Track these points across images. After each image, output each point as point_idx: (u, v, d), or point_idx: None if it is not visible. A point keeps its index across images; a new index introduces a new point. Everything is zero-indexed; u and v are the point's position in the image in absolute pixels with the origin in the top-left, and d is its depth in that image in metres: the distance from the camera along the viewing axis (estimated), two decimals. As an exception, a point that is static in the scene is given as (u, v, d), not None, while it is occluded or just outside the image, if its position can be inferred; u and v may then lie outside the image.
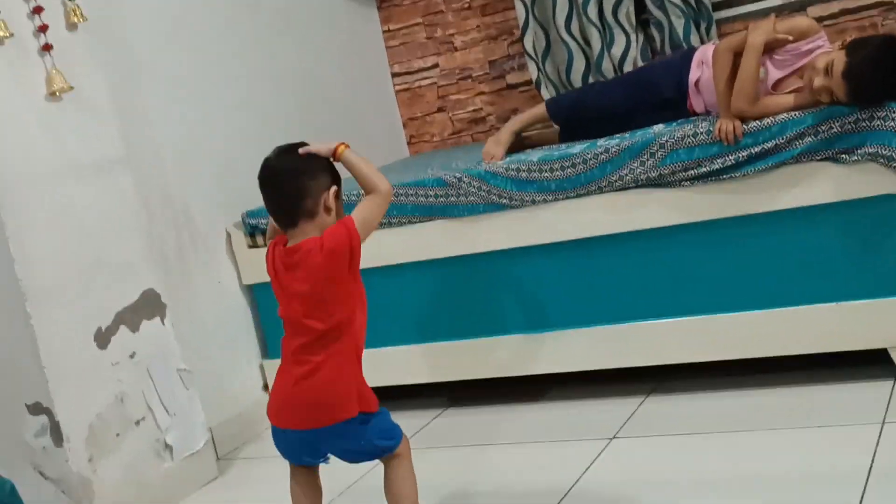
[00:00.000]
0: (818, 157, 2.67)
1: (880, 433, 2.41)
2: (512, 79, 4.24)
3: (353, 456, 2.23)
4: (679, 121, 2.95)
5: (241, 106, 3.66)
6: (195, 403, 3.11)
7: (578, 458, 2.65)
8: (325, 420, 2.13)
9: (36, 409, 2.73)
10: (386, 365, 3.31)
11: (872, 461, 2.28)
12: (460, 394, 3.35)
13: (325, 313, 2.14)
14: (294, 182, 2.17)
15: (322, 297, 2.14)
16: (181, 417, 3.04)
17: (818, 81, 2.62)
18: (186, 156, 3.41)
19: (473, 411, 3.24)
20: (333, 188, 2.19)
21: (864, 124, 2.59)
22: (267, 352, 3.57)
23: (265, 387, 3.56)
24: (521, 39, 4.05)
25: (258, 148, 3.65)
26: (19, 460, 2.76)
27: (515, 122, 3.30)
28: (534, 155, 3.06)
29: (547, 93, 3.97)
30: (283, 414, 2.20)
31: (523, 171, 3.01)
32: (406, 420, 3.19)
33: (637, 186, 2.88)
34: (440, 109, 4.42)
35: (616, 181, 2.89)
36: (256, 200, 3.52)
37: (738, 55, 2.79)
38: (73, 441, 2.73)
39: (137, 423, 2.92)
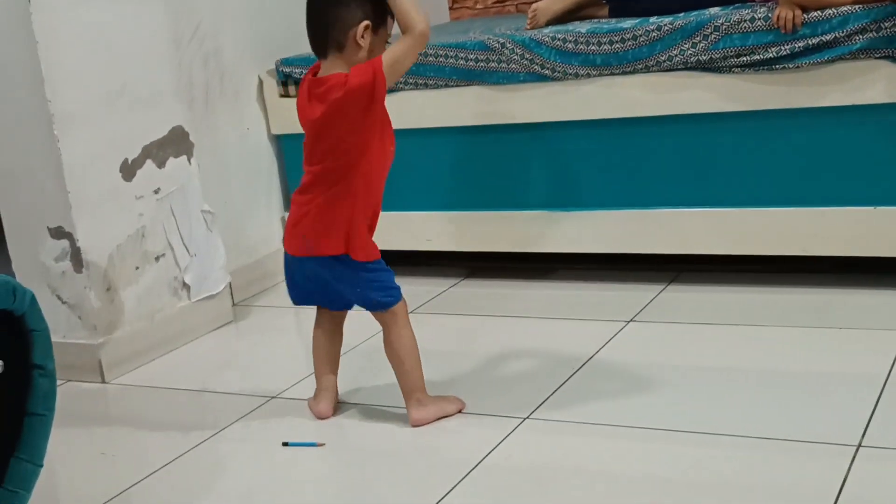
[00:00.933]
0: (877, 55, 2.57)
1: (903, 340, 2.39)
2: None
3: (353, 301, 2.30)
4: (737, 4, 2.84)
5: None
6: (218, 246, 3.10)
7: (594, 336, 2.64)
8: (312, 249, 2.21)
9: (58, 233, 2.72)
10: (407, 229, 3.29)
11: (893, 365, 2.26)
12: (480, 265, 3.34)
13: (335, 152, 2.15)
14: (327, 10, 2.14)
15: (333, 136, 2.14)
16: (201, 258, 3.04)
17: None
18: (224, -5, 3.32)
19: (492, 283, 3.23)
20: (365, 23, 2.13)
21: (930, 22, 2.49)
22: (289, 205, 3.54)
23: (285, 239, 3.54)
24: None
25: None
26: (37, 281, 2.77)
27: None
28: (582, 26, 2.96)
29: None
30: (287, 238, 2.29)
31: (570, 41, 2.91)
32: (423, 287, 3.22)
33: (685, 69, 2.79)
34: (486, -23, 4.28)
35: (664, 61, 2.80)
36: (292, 48, 3.50)
37: None
38: (93, 269, 2.74)
39: (157, 258, 2.92)
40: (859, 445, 1.94)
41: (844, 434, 1.99)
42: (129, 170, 2.83)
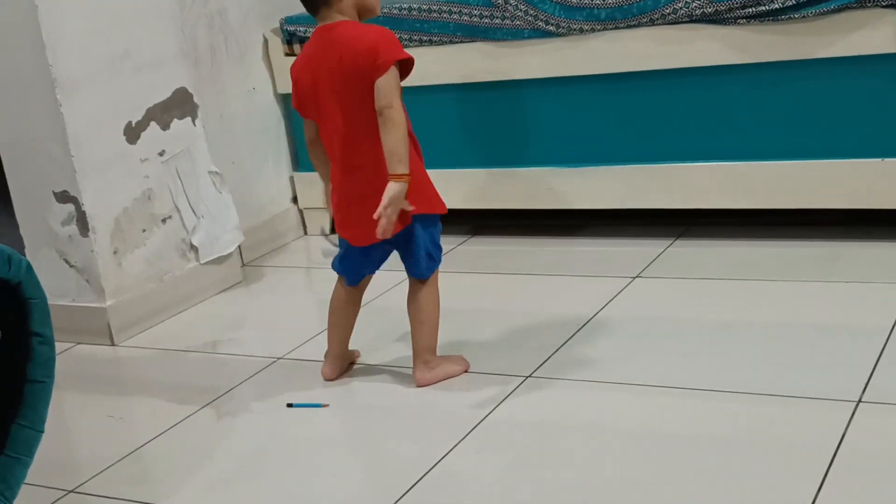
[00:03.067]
0: (883, 3, 2.53)
1: (909, 293, 2.37)
2: None
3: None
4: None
5: None
6: (229, 206, 3.11)
7: (600, 293, 2.64)
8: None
9: (63, 197, 2.74)
10: (415, 186, 3.28)
11: (897, 320, 2.25)
12: (486, 223, 3.33)
13: None
14: None
15: None
16: (210, 220, 3.05)
17: None
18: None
19: (499, 241, 3.23)
20: None
21: (940, -31, 2.44)
22: (298, 164, 3.54)
23: (294, 199, 3.55)
24: None
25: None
26: (44, 246, 2.80)
27: None
28: (586, -20, 2.92)
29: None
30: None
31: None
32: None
33: (691, 21, 2.75)
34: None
35: (669, 14, 2.76)
36: (296, 6, 3.46)
37: None
38: (99, 232, 2.75)
39: (164, 220, 2.93)
40: (859, 401, 1.94)
41: (845, 389, 1.98)
42: (133, 133, 2.84)
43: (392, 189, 2.04)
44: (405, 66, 2.15)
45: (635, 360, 2.26)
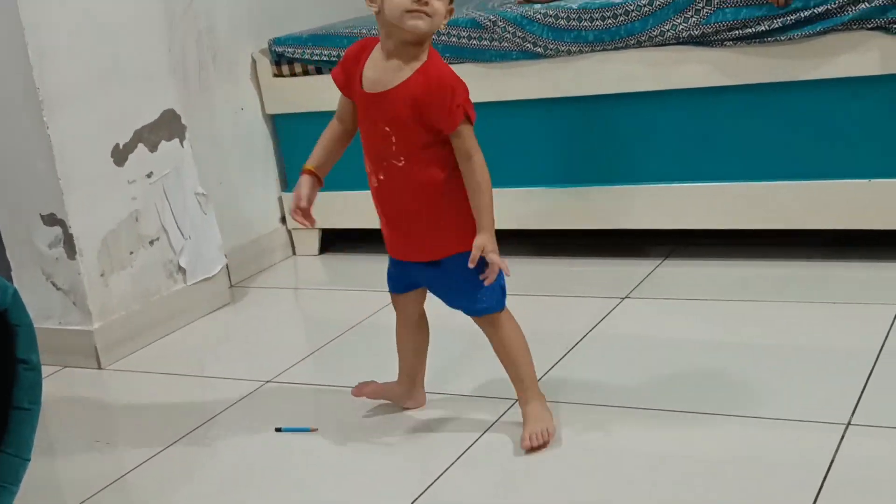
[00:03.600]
0: (869, 26, 2.54)
1: (896, 315, 2.38)
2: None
3: None
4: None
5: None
6: (213, 228, 3.10)
7: (589, 314, 2.64)
8: None
9: (50, 219, 2.72)
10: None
11: (885, 341, 2.25)
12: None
13: None
14: None
15: None
16: (196, 241, 3.04)
17: None
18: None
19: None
20: None
21: (924, -8, 2.46)
22: (287, 184, 3.54)
23: (283, 219, 3.55)
24: None
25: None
26: (31, 268, 2.78)
27: None
28: (574, 2, 2.93)
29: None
30: None
31: (562, 18, 2.89)
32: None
33: (678, 43, 2.77)
34: (482, -50, 4.23)
35: (657, 36, 2.77)
36: (285, 27, 3.48)
37: None
38: (86, 254, 2.74)
39: (151, 242, 2.92)
40: (849, 423, 1.94)
41: (834, 412, 1.98)
42: (120, 154, 2.83)
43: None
44: None
45: (624, 382, 2.26)
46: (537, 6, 2.98)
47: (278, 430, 2.24)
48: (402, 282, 2.12)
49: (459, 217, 1.96)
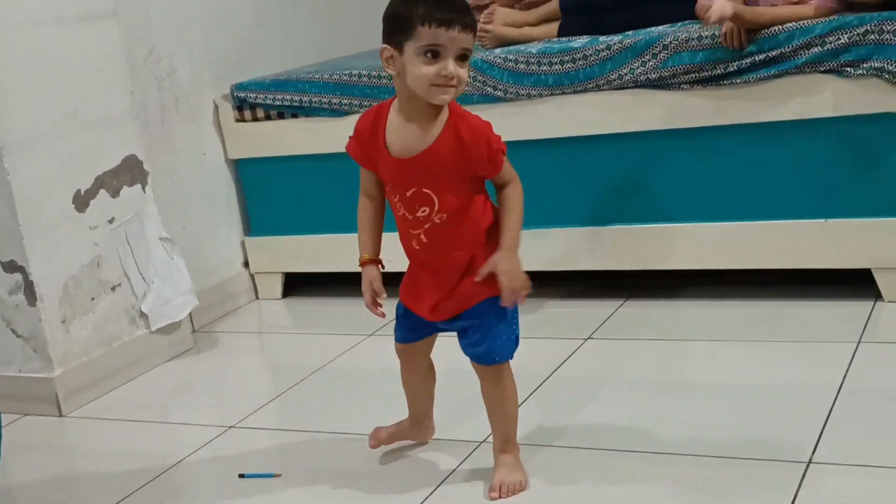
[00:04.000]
0: (822, 69, 2.61)
1: (854, 352, 2.41)
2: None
3: None
4: (686, 22, 2.87)
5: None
6: (182, 271, 3.08)
7: (552, 355, 2.65)
8: None
9: (10, 266, 2.70)
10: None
11: (843, 379, 2.29)
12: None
13: None
14: None
15: None
16: (161, 286, 3.02)
17: None
18: (177, 17, 3.31)
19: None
20: (385, 47, 1.86)
21: (872, 37, 2.52)
22: (250, 229, 3.54)
23: (245, 263, 3.54)
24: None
25: (252, 17, 3.59)
26: (-9, 316, 2.75)
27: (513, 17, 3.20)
28: (533, 47, 2.98)
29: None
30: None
31: (521, 62, 2.93)
32: (387, 308, 3.21)
33: (636, 86, 2.81)
34: (442, -5, 4.29)
35: (615, 80, 2.82)
36: (247, 72, 3.50)
37: None
38: (47, 301, 2.72)
39: (113, 288, 2.90)
40: (810, 461, 1.96)
41: (795, 450, 2.00)
42: (82, 200, 2.81)
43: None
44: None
45: (588, 423, 2.26)
46: (497, 51, 3.03)
47: (241, 476, 2.22)
48: (420, 331, 2.07)
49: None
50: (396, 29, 1.83)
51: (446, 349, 2.18)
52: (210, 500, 2.18)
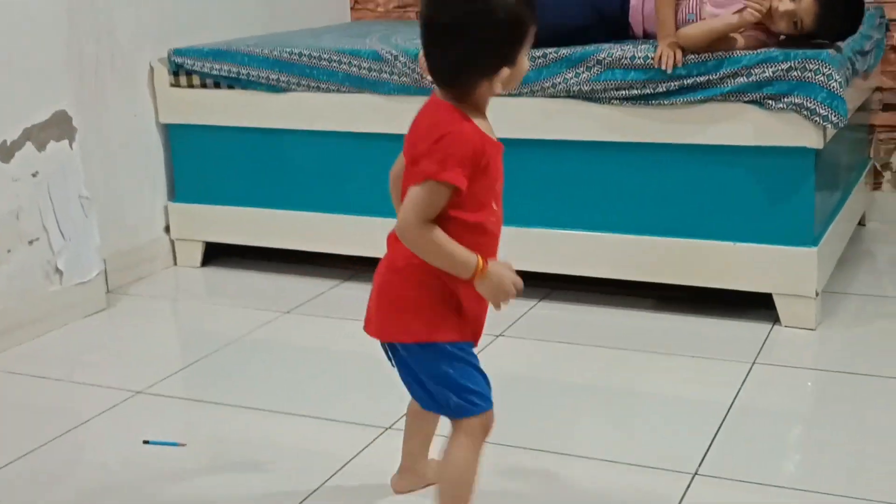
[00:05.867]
0: (745, 99, 2.71)
1: (748, 372, 2.52)
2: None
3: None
4: (625, 41, 2.95)
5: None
6: (92, 232, 3.07)
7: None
8: None
9: (-73, 210, 2.66)
10: (293, 228, 3.32)
11: (736, 397, 2.40)
12: (359, 273, 3.38)
13: None
14: None
15: None
16: (76, 244, 3.00)
17: (784, 5, 2.65)
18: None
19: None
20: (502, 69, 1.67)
21: (795, 73, 2.63)
22: (174, 194, 3.53)
23: (167, 228, 3.53)
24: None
25: (196, -15, 3.57)
26: None
27: None
28: (474, 45, 3.02)
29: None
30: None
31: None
32: (306, 286, 3.25)
33: (569, 97, 2.89)
34: (390, -20, 4.32)
35: (549, 87, 2.89)
36: (187, 38, 3.48)
37: None
38: (-38, 249, 2.69)
39: (31, 242, 2.88)
40: (696, 473, 2.06)
41: (683, 461, 2.10)
42: (7, 151, 2.78)
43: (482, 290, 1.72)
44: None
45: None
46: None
47: (146, 442, 2.24)
48: None
49: None
50: (516, 36, 1.64)
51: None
52: (112, 464, 2.20)
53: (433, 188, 1.63)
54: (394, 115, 3.11)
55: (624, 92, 2.80)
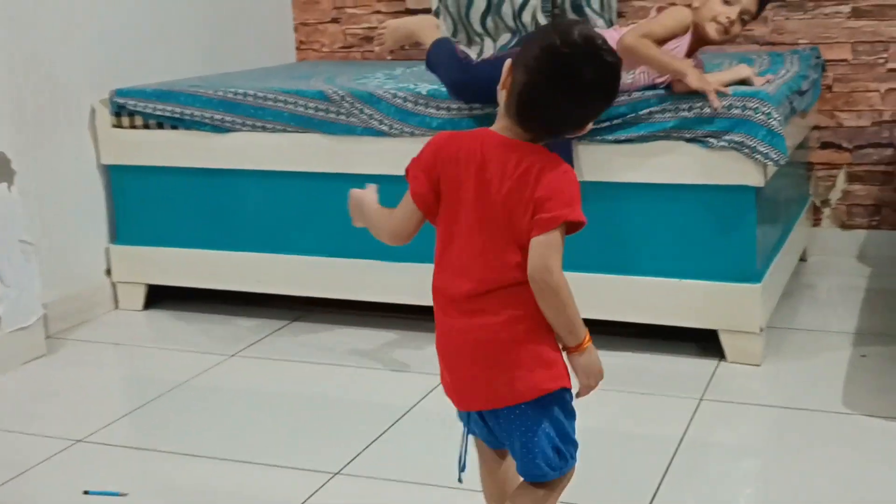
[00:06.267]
0: (687, 136, 2.74)
1: (696, 408, 2.54)
2: (413, 2, 4.18)
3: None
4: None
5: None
6: (33, 277, 3.01)
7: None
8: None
9: None
10: (235, 272, 3.29)
11: (684, 433, 2.40)
12: (310, 309, 3.35)
13: None
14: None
15: None
16: (16, 290, 2.94)
17: (729, 12, 2.68)
18: (61, 16, 3.25)
19: (323, 327, 3.25)
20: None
21: (735, 111, 2.67)
22: (115, 237, 3.47)
23: (108, 271, 3.47)
24: (426, -35, 4.00)
25: (138, 26, 3.55)
26: None
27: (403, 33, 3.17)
28: (423, 88, 3.03)
29: (443, 26, 3.94)
30: None
31: (410, 101, 2.99)
32: (252, 328, 3.21)
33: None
34: (334, 20, 4.33)
35: (494, 127, 2.90)
36: (129, 78, 3.44)
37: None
38: None
39: (-33, 287, 2.81)
40: (646, 511, 2.06)
41: (635, 498, 2.10)
42: (-58, 195, 2.73)
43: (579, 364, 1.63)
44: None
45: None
46: (388, 85, 3.08)
47: (86, 493, 2.18)
48: None
49: None
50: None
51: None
52: (51, 514, 2.14)
53: (564, 231, 1.57)
54: (340, 155, 3.11)
55: (569, 131, 2.82)
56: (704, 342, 2.87)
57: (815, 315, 3.20)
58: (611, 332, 3.02)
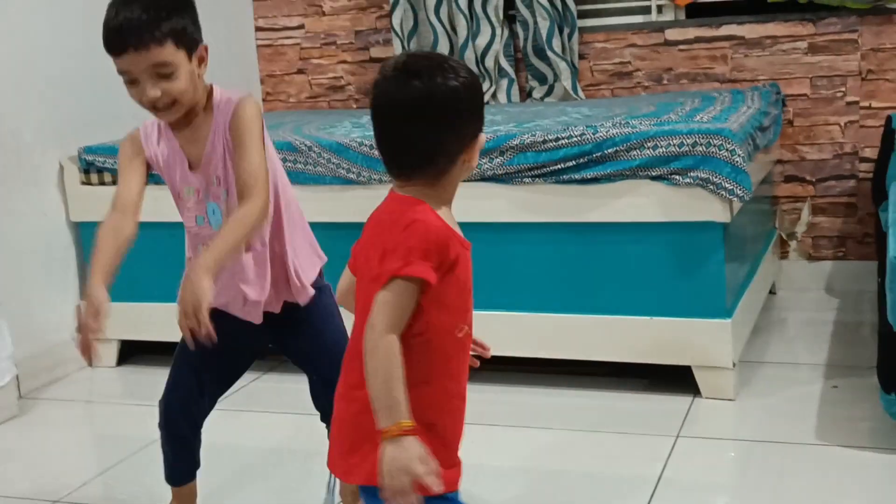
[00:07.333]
0: (653, 174, 2.77)
1: (673, 446, 2.54)
2: (376, 52, 4.22)
3: None
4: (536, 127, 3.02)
5: (86, 22, 3.50)
6: (4, 338, 2.98)
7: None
8: None
9: None
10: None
11: (663, 471, 2.41)
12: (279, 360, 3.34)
13: None
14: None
15: None
16: (-16, 350, 2.92)
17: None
18: (24, 75, 3.25)
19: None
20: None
21: (700, 148, 2.71)
22: (84, 293, 3.45)
23: (79, 328, 3.43)
24: (389, 15, 4.05)
25: (102, 80, 3.54)
26: None
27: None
28: (387, 134, 3.05)
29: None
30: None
31: (376, 148, 3.00)
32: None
33: (482, 180, 2.93)
34: (300, 71, 4.37)
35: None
36: (95, 136, 3.45)
37: None
38: None
39: (-64, 350, 2.78)
40: (626, 552, 2.06)
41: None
42: None
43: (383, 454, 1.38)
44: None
45: None
46: (354, 133, 3.09)
47: (62, 555, 2.15)
48: None
49: None
50: (477, 114, 1.51)
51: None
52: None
53: (399, 288, 1.41)
54: (307, 205, 3.09)
55: (536, 171, 2.85)
56: (678, 379, 2.88)
57: (785, 348, 3.23)
58: (583, 373, 3.03)
